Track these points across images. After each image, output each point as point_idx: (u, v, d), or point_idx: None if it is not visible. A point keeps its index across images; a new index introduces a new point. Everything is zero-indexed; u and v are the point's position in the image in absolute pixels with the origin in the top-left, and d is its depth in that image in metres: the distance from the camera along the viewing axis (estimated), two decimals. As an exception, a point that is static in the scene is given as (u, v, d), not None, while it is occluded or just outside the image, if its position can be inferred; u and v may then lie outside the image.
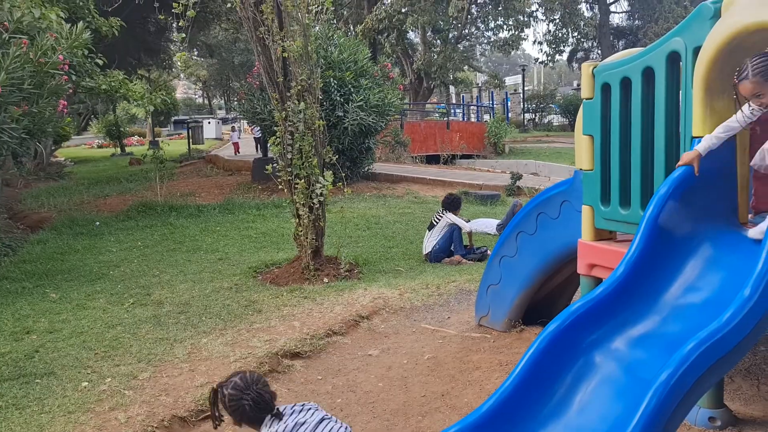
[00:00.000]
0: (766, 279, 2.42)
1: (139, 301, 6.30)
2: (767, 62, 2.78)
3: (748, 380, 3.93)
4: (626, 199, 3.71)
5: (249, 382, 2.82)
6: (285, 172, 7.01)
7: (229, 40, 35.77)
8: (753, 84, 2.78)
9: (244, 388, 2.80)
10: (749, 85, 2.79)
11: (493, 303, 5.20)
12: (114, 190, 15.62)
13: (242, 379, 2.83)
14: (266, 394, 2.84)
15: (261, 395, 2.81)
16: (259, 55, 7.06)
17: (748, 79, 2.79)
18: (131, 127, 41.47)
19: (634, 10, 40.11)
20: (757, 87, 2.78)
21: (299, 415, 2.84)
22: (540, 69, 59.98)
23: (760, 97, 2.81)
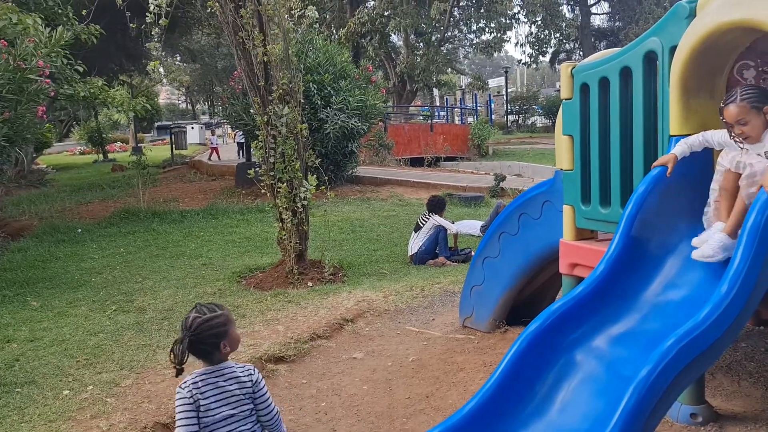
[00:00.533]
0: (742, 276, 2.45)
1: (121, 308, 6.24)
2: (758, 91, 2.78)
3: (729, 376, 3.96)
4: (606, 198, 3.74)
5: (188, 324, 2.41)
6: (268, 176, 6.99)
7: (211, 45, 35.59)
8: (739, 109, 2.76)
9: (185, 328, 2.42)
10: (735, 109, 2.76)
11: (477, 304, 5.21)
12: (96, 196, 15.48)
13: (191, 319, 2.43)
14: (181, 351, 2.38)
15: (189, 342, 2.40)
16: (239, 60, 7.03)
17: (735, 103, 2.77)
18: (114, 134, 41.17)
19: (615, 12, 40.49)
20: (742, 113, 2.76)
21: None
22: (523, 71, 60.35)
23: (743, 125, 2.78)
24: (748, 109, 2.74)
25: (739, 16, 2.76)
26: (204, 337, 2.39)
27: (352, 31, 27.09)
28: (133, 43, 21.80)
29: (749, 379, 3.90)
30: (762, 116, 2.75)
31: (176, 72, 51.40)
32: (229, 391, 2.40)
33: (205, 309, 2.45)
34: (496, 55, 36.54)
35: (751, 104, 2.73)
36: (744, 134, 2.77)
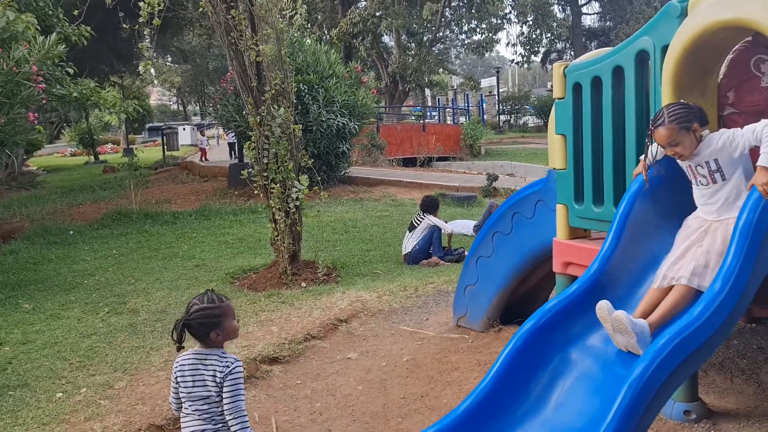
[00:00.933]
0: (735, 273, 2.47)
1: (114, 310, 6.22)
2: (684, 110, 2.77)
3: (722, 374, 3.99)
4: (599, 197, 3.75)
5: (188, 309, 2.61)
6: (261, 177, 6.98)
7: (202, 45, 35.49)
8: (668, 131, 2.75)
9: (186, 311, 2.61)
10: (665, 132, 2.76)
11: (471, 303, 5.22)
12: (88, 198, 15.41)
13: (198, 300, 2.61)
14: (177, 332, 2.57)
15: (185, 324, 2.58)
16: (232, 60, 7.02)
17: (664, 125, 2.76)
18: (105, 135, 40.93)
19: (606, 12, 40.64)
20: (672, 135, 2.75)
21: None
22: (514, 71, 60.51)
23: (675, 146, 2.77)
24: (677, 130, 2.74)
25: (731, 15, 2.78)
26: (197, 324, 2.57)
27: (344, 32, 27.08)
28: (124, 44, 21.72)
29: (741, 376, 3.93)
30: (692, 134, 2.76)
31: (167, 73, 51.19)
32: (204, 377, 2.58)
33: (207, 298, 2.61)
34: (488, 55, 36.61)
35: (679, 125, 2.74)
36: (677, 154, 2.80)
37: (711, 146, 2.76)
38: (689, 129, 2.75)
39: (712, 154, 2.76)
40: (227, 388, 2.55)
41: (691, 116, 2.76)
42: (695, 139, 2.77)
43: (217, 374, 2.56)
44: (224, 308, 2.62)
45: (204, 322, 2.57)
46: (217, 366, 2.58)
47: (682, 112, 2.76)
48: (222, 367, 2.56)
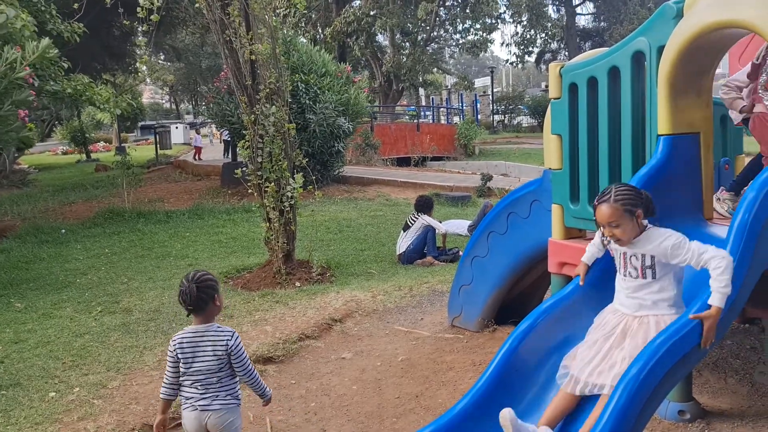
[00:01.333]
0: (731, 273, 2.47)
1: (107, 309, 6.19)
2: (633, 194, 2.60)
3: (716, 374, 4.00)
4: (595, 197, 3.74)
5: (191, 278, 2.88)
6: (255, 175, 6.96)
7: (196, 44, 35.41)
8: (612, 210, 2.57)
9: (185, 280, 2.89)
10: (608, 210, 2.58)
11: (466, 303, 5.22)
12: (80, 197, 15.34)
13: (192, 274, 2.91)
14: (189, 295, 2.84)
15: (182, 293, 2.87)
16: (226, 58, 6.99)
17: (609, 203, 2.58)
18: (97, 133, 40.75)
19: (600, 12, 40.77)
20: (615, 215, 2.57)
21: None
22: (508, 71, 60.59)
23: (615, 228, 2.59)
24: (621, 212, 2.56)
25: (726, 16, 2.79)
26: (204, 288, 2.85)
27: (338, 31, 27.05)
28: (117, 42, 21.64)
29: (735, 376, 3.94)
30: (634, 220, 2.58)
31: (160, 71, 51.04)
32: (204, 351, 2.85)
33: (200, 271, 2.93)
34: (482, 55, 36.65)
35: (624, 208, 2.56)
36: (615, 237, 2.61)
37: (651, 242, 2.57)
38: (633, 214, 2.57)
39: (651, 251, 2.58)
40: (235, 357, 2.86)
41: (638, 202, 2.59)
42: (636, 227, 2.59)
43: (219, 347, 2.84)
44: (216, 279, 2.98)
45: (209, 286, 2.87)
46: (218, 339, 2.86)
47: (630, 195, 2.59)
48: (225, 340, 2.85)
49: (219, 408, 2.87)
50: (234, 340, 2.87)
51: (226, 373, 2.89)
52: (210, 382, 2.86)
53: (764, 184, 2.60)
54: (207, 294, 2.87)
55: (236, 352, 2.87)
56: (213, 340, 2.87)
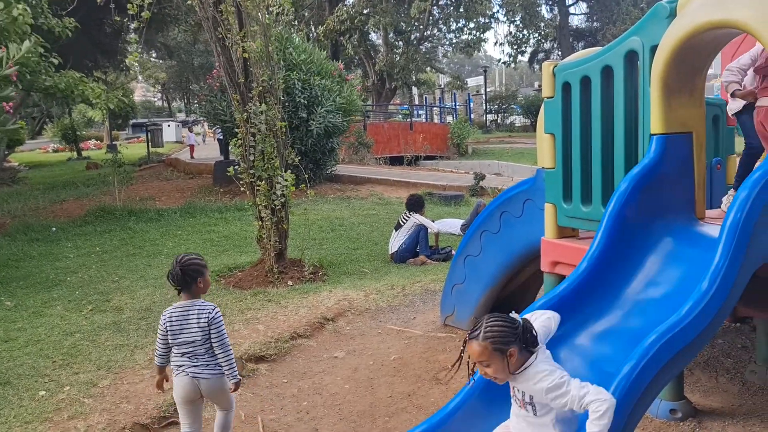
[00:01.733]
0: (722, 273, 2.48)
1: (98, 308, 6.15)
2: (505, 330, 2.31)
3: (707, 372, 4.02)
4: (588, 196, 3.76)
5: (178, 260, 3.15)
6: (247, 174, 6.93)
7: (188, 41, 35.25)
8: (480, 348, 2.30)
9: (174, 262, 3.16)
10: (477, 348, 2.30)
11: (459, 302, 5.22)
12: (71, 194, 15.24)
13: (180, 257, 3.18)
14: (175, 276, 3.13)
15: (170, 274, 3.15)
16: (219, 56, 6.96)
17: (477, 341, 2.30)
18: (88, 131, 40.55)
19: (593, 12, 40.87)
20: (483, 354, 2.30)
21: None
22: (502, 70, 60.70)
23: (486, 368, 2.33)
24: (490, 351, 2.29)
25: (719, 16, 2.79)
26: (189, 270, 3.13)
27: (331, 29, 27.01)
28: (108, 39, 21.53)
29: (726, 375, 3.96)
30: (505, 360, 2.29)
31: (152, 69, 50.81)
32: (190, 324, 3.15)
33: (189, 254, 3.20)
34: (476, 54, 36.69)
35: (493, 346, 2.28)
36: (488, 376, 2.35)
37: (528, 381, 2.32)
38: (504, 353, 2.29)
39: (528, 389, 2.35)
40: (215, 327, 3.13)
41: (511, 338, 2.30)
42: (507, 367, 2.30)
43: (202, 319, 3.12)
44: (204, 261, 3.24)
45: (194, 269, 3.14)
46: (201, 312, 3.14)
47: (501, 331, 2.30)
48: (206, 313, 3.14)
49: (209, 376, 3.16)
50: (214, 312, 3.15)
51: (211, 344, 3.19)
52: (198, 352, 3.15)
53: (756, 184, 2.61)
54: (191, 276, 3.15)
55: (215, 323, 3.14)
56: (197, 313, 3.15)
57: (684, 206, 3.12)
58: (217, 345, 3.14)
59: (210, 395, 3.23)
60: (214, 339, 3.14)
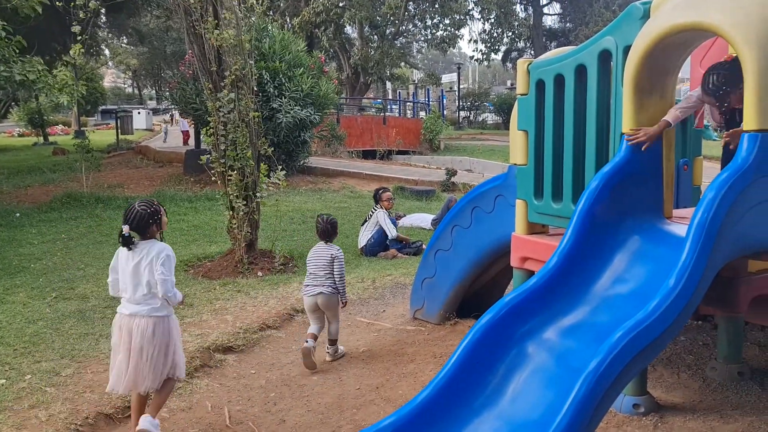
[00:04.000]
0: (689, 271, 2.53)
1: (62, 295, 6.03)
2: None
3: (670, 368, 4.10)
4: (558, 193, 3.80)
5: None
6: (218, 163, 6.86)
7: (160, 28, 34.65)
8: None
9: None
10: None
11: (428, 296, 5.24)
12: (36, 180, 14.90)
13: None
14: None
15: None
16: (191, 44, 6.86)
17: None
18: (55, 116, 39.64)
19: (566, 13, 41.28)
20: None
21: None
22: (475, 67, 60.97)
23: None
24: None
25: (691, 19, 2.84)
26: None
27: (307, 21, 26.78)
28: (77, 23, 21.04)
29: (688, 371, 4.04)
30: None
31: (123, 54, 49.87)
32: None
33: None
34: (450, 51, 36.75)
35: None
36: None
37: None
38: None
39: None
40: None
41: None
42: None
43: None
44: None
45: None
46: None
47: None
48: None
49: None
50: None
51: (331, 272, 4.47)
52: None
53: (723, 185, 2.66)
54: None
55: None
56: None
57: (652, 205, 3.17)
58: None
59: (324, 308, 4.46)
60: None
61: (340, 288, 4.50)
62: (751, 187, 2.73)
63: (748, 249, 2.93)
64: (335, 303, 4.53)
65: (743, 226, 2.77)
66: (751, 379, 3.87)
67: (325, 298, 4.47)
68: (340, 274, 4.49)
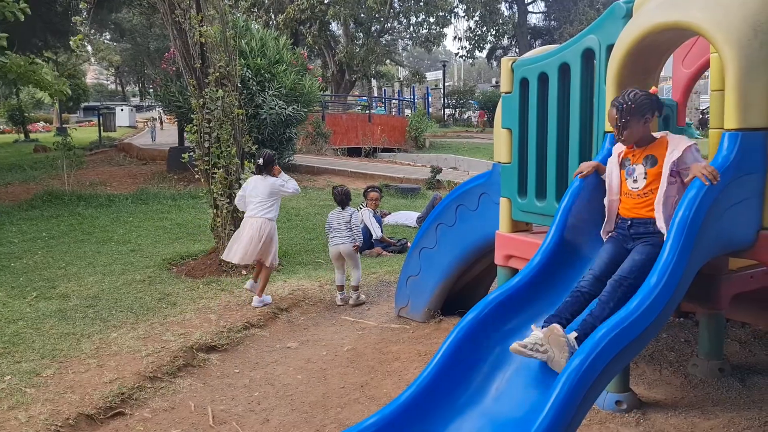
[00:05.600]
0: (670, 268, 2.54)
1: (43, 295, 5.96)
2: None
3: (652, 365, 4.13)
4: (542, 191, 3.81)
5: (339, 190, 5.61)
6: (202, 161, 6.81)
7: (144, 24, 34.32)
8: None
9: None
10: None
11: (413, 294, 5.24)
12: (17, 177, 14.72)
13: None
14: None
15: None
16: (175, 39, 6.80)
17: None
18: (36, 113, 39.21)
19: (551, 11, 41.46)
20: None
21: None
22: (460, 65, 61.06)
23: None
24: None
25: (673, 18, 2.85)
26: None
27: (291, 18, 26.67)
28: (60, 19, 20.79)
29: (670, 368, 4.08)
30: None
31: (105, 51, 49.36)
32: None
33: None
34: (435, 48, 36.74)
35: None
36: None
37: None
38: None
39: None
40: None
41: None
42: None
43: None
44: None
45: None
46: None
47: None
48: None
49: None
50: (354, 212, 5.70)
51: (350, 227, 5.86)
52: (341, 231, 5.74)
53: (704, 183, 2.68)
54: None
55: (354, 217, 5.89)
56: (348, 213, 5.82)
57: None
58: (355, 227, 5.61)
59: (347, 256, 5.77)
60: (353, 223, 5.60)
61: (356, 234, 5.81)
62: (731, 185, 2.75)
63: (729, 247, 2.96)
64: (354, 252, 5.79)
65: (724, 223, 2.80)
66: (732, 376, 3.91)
67: (346, 248, 5.75)
68: (356, 225, 5.84)
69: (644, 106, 2.79)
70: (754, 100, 2.76)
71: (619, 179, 2.93)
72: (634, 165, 2.87)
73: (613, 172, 2.94)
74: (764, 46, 2.74)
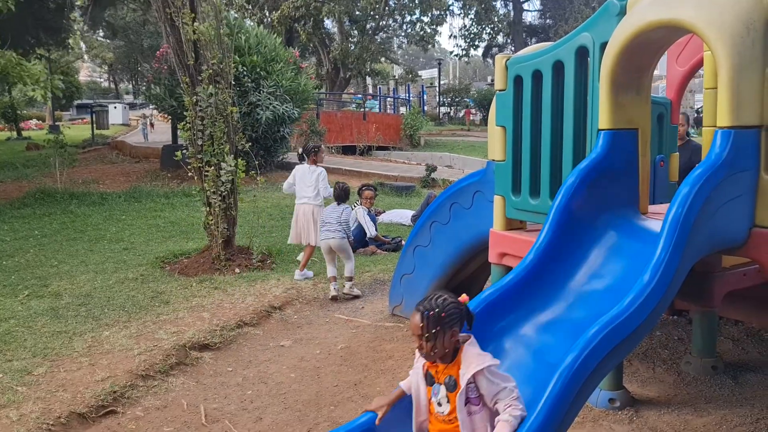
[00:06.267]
0: (663, 266, 2.54)
1: (35, 293, 5.93)
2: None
3: (645, 363, 4.13)
4: (536, 189, 3.80)
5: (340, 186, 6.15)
6: (195, 159, 6.78)
7: (137, 21, 34.19)
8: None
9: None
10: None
11: (407, 292, 5.23)
12: (9, 176, 14.65)
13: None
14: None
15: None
16: (168, 36, 6.77)
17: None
18: (29, 110, 39.01)
19: (546, 9, 41.48)
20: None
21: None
22: (455, 63, 61.05)
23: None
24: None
25: (667, 16, 2.85)
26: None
27: (286, 15, 26.62)
28: (52, 16, 20.69)
29: (663, 366, 4.09)
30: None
31: (99, 48, 49.15)
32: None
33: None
34: (430, 47, 36.75)
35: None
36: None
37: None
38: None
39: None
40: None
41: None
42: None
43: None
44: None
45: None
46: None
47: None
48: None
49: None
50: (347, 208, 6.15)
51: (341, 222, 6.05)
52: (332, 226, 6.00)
53: (698, 180, 2.68)
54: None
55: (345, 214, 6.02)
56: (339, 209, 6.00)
57: (628, 201, 3.19)
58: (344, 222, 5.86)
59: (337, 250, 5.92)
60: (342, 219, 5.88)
61: (346, 230, 5.96)
62: (724, 182, 2.75)
63: (722, 244, 2.96)
64: (345, 245, 5.92)
65: (717, 221, 2.80)
66: (725, 373, 3.92)
67: (336, 242, 5.87)
68: (345, 221, 5.95)
69: (453, 316, 2.43)
70: (747, 97, 2.76)
71: (426, 397, 2.45)
72: (438, 384, 2.42)
73: (420, 387, 2.46)
74: (757, 44, 2.74)
